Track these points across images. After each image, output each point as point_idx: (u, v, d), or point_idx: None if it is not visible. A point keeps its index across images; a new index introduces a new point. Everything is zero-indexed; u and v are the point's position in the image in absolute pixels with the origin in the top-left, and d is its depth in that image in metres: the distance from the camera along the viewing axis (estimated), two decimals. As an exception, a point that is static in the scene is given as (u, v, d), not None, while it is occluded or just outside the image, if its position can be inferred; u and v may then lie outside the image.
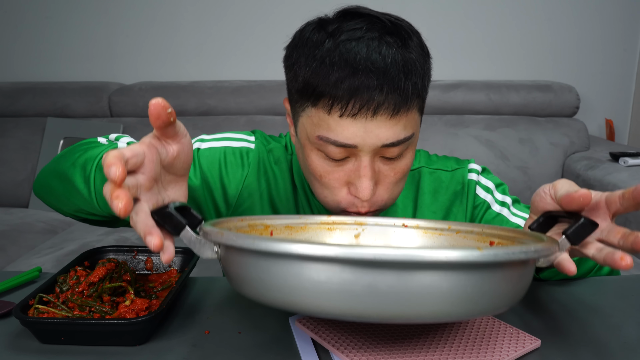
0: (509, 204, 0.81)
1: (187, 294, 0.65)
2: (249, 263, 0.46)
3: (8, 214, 1.96)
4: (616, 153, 1.82)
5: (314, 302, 0.43)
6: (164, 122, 0.48)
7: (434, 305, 0.43)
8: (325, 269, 0.42)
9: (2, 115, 2.20)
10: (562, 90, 2.07)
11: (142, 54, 2.34)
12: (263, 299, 0.46)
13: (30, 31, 2.35)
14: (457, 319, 0.45)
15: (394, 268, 0.41)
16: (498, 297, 0.45)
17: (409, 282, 0.42)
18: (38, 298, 0.56)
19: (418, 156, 0.86)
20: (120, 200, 0.44)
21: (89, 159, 0.65)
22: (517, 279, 0.46)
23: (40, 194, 0.75)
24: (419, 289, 0.42)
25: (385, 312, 0.43)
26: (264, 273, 0.45)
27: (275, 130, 1.96)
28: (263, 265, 0.45)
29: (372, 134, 0.62)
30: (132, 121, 2.13)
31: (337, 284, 0.42)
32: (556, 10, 2.24)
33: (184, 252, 0.68)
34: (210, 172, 0.78)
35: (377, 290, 0.42)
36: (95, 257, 0.67)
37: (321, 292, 0.43)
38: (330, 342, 0.52)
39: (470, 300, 0.43)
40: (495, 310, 0.46)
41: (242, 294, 0.48)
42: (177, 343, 0.54)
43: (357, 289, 0.42)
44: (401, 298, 0.42)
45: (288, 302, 0.44)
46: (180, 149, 0.52)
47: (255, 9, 2.28)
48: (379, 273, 0.42)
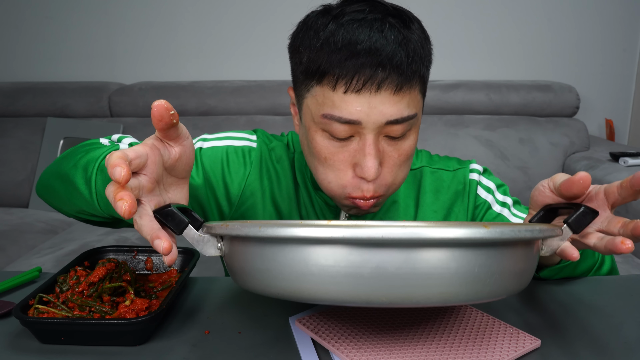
0: (509, 205, 0.82)
1: (187, 294, 0.65)
2: (255, 253, 0.46)
3: (8, 214, 1.96)
4: (616, 153, 1.82)
5: (322, 289, 0.43)
6: (166, 124, 0.48)
7: (442, 286, 0.42)
8: (332, 252, 0.42)
9: (2, 115, 2.20)
10: (562, 90, 2.07)
11: (142, 54, 2.34)
12: (270, 290, 0.46)
13: (30, 31, 2.35)
14: (466, 301, 0.44)
15: (401, 247, 0.41)
16: (506, 278, 0.45)
17: (417, 262, 0.42)
18: (38, 298, 0.56)
19: (420, 156, 0.86)
20: (124, 201, 0.44)
21: (91, 160, 0.65)
22: (523, 260, 0.46)
23: (42, 195, 0.75)
24: (427, 269, 0.42)
25: (394, 295, 0.42)
26: (270, 262, 0.44)
27: (276, 130, 1.96)
28: (269, 253, 0.44)
29: (376, 109, 0.63)
30: (132, 121, 2.13)
31: (345, 267, 0.42)
32: (556, 10, 2.24)
33: (184, 252, 0.68)
34: (213, 171, 0.79)
35: (386, 272, 0.42)
36: (95, 257, 0.67)
37: (329, 277, 0.42)
38: (330, 342, 0.52)
39: (479, 280, 0.43)
40: (503, 292, 0.45)
41: (248, 288, 0.48)
42: (177, 343, 0.54)
43: (365, 272, 0.42)
44: (409, 279, 0.42)
45: (296, 290, 0.44)
46: (182, 151, 0.52)
47: (255, 9, 2.28)
48: (387, 253, 0.41)
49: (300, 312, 0.59)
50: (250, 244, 0.46)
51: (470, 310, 0.58)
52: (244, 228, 0.45)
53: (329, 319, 0.57)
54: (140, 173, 0.49)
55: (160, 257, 0.68)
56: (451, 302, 0.44)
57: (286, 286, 0.44)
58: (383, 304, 0.43)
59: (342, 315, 0.57)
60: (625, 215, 1.58)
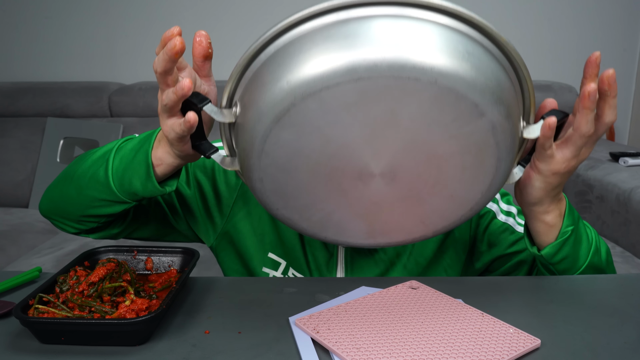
0: (514, 214, 0.81)
1: (187, 294, 0.65)
2: (266, 70, 0.50)
3: (8, 214, 1.96)
4: (616, 153, 1.82)
5: (322, 69, 0.46)
6: (204, 49, 0.54)
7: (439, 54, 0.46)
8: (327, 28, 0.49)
9: (2, 115, 2.20)
10: (562, 90, 2.07)
11: (142, 54, 2.34)
12: (281, 91, 0.48)
13: (30, 31, 2.35)
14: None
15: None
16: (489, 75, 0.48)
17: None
18: (38, 298, 0.56)
19: None
20: (177, 38, 0.50)
21: (107, 150, 0.67)
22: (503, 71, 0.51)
23: (48, 208, 0.73)
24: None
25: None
26: (280, 67, 0.49)
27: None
28: (277, 58, 0.49)
29: None
30: (132, 121, 2.13)
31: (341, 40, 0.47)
32: (556, 10, 2.24)
33: (184, 252, 0.68)
34: (204, 181, 0.78)
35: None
36: (95, 257, 0.67)
37: (328, 53, 0.47)
38: (330, 342, 0.52)
39: (462, 57, 0.47)
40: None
41: (260, 119, 0.50)
42: (177, 343, 0.54)
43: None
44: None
45: (302, 76, 0.47)
46: (210, 90, 0.58)
47: (255, 9, 2.28)
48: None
49: (300, 312, 0.59)
50: (262, 67, 0.51)
51: (471, 311, 0.59)
52: (259, 38, 0.51)
53: (329, 319, 0.57)
54: (180, 73, 0.54)
55: (160, 257, 0.68)
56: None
57: (293, 76, 0.47)
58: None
59: (342, 315, 0.58)
60: (625, 215, 1.58)
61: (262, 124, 0.49)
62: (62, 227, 0.74)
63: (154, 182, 0.61)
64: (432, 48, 0.46)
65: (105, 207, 0.67)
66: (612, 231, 1.65)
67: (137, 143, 0.63)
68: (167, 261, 0.68)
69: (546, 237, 0.67)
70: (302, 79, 0.46)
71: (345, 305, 0.60)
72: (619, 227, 1.62)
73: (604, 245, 0.74)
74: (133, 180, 0.62)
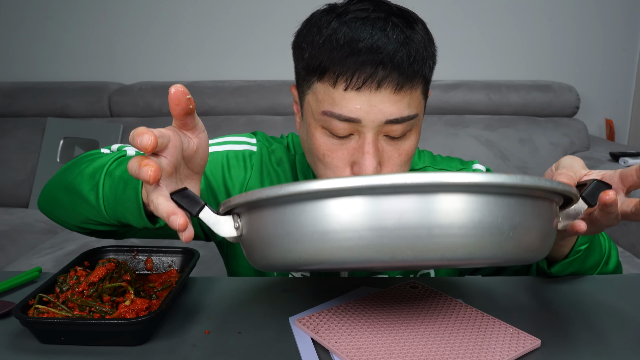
0: None
1: (187, 294, 0.65)
2: (275, 219, 0.46)
3: (8, 214, 1.96)
4: (616, 153, 1.82)
5: (345, 246, 0.43)
6: (183, 109, 0.48)
7: (466, 237, 0.42)
8: (353, 203, 0.42)
9: (2, 115, 2.19)
10: (562, 90, 2.07)
11: (142, 54, 2.34)
12: (292, 256, 0.45)
13: (30, 31, 2.35)
14: (491, 257, 0.44)
15: (422, 192, 0.41)
16: (527, 234, 0.45)
17: (440, 211, 0.42)
18: (38, 298, 0.56)
19: (422, 156, 0.86)
20: (150, 167, 0.45)
21: (97, 167, 0.64)
22: (545, 217, 0.47)
23: (45, 208, 0.73)
24: (450, 218, 0.42)
25: (419, 247, 0.42)
26: (291, 224, 0.44)
27: (276, 130, 1.96)
28: (290, 215, 0.44)
29: (375, 108, 0.63)
30: (132, 121, 2.13)
31: (368, 220, 0.42)
32: (556, 10, 2.24)
33: (184, 252, 0.68)
34: (214, 177, 0.78)
35: (409, 222, 0.41)
36: (95, 257, 0.67)
37: (352, 232, 0.42)
38: (330, 342, 0.52)
39: (501, 232, 0.43)
40: (525, 252, 0.45)
41: (269, 263, 0.48)
42: (177, 343, 0.54)
43: (389, 223, 0.42)
44: (434, 229, 0.42)
45: (318, 251, 0.44)
46: (199, 143, 0.53)
47: (255, 9, 2.28)
48: (408, 200, 0.41)
49: (300, 312, 0.59)
50: (270, 209, 0.46)
51: (470, 311, 0.58)
52: (264, 191, 0.45)
53: (329, 319, 0.57)
54: (161, 155, 0.49)
55: (160, 257, 0.68)
56: (476, 259, 0.43)
57: (308, 248, 0.44)
58: (408, 260, 0.43)
59: (342, 315, 0.57)
60: (624, 224, 1.58)
61: (269, 261, 0.48)
62: (61, 225, 0.74)
63: (147, 222, 0.58)
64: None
65: (101, 226, 0.67)
66: (612, 231, 1.65)
67: (126, 170, 0.60)
68: (167, 261, 0.68)
69: (556, 253, 0.67)
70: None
71: (345, 305, 0.60)
72: (619, 227, 1.62)
73: (614, 250, 0.74)
74: (126, 215, 0.60)
